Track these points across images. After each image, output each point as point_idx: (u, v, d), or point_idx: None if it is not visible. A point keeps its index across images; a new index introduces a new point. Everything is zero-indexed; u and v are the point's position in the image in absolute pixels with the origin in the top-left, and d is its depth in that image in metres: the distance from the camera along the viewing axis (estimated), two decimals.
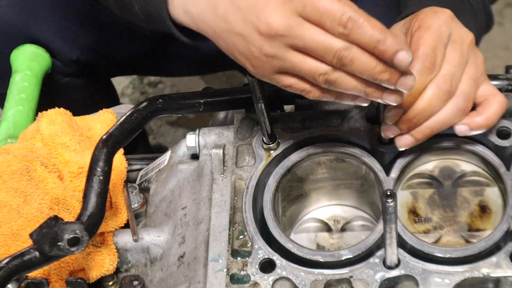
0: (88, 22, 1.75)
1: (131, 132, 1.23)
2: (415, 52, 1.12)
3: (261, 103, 1.18)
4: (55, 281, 1.24)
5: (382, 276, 1.12)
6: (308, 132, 1.28)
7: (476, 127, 1.17)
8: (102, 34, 1.78)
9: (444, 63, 1.14)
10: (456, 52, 1.15)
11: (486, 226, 1.22)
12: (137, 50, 1.87)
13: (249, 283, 1.13)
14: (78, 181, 1.33)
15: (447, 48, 1.15)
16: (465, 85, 1.15)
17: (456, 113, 1.15)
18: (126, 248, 1.32)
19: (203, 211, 1.27)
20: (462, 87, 1.14)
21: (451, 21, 1.17)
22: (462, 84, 1.15)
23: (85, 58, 1.78)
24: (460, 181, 1.26)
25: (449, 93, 1.13)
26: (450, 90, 1.13)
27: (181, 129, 2.91)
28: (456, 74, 1.14)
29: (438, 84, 1.13)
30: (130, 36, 1.79)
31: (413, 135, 1.17)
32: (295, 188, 1.33)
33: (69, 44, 1.75)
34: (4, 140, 1.46)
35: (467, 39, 1.17)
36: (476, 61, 1.17)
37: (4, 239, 1.20)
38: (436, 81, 1.13)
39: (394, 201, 1.00)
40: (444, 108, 1.14)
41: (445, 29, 1.15)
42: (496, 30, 1.42)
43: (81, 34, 1.76)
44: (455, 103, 1.14)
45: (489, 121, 1.17)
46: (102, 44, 1.79)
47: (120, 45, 1.83)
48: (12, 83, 1.61)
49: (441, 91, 1.13)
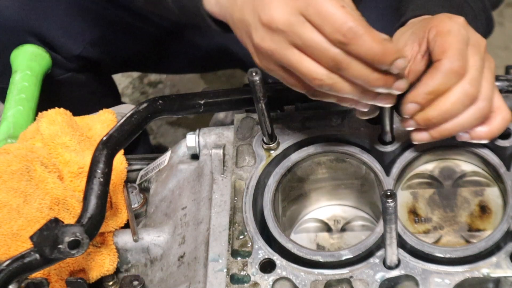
0: (91, 18, 1.77)
1: (131, 134, 1.23)
2: (442, 55, 1.12)
3: (261, 103, 1.18)
4: (55, 281, 1.25)
5: (382, 276, 1.12)
6: (308, 132, 1.28)
7: (477, 137, 1.17)
8: (105, 30, 1.79)
9: (469, 67, 1.13)
10: (477, 56, 1.14)
11: (486, 226, 1.22)
12: (139, 46, 1.88)
13: (249, 283, 1.13)
14: (78, 181, 1.33)
15: (469, 52, 1.14)
16: (486, 89, 1.14)
17: (478, 118, 1.14)
18: (126, 248, 1.32)
19: (203, 211, 1.27)
20: (483, 91, 1.14)
21: (466, 26, 1.16)
22: (483, 88, 1.14)
23: (87, 53, 1.79)
24: (460, 181, 1.26)
25: (473, 97, 1.12)
26: (475, 95, 1.12)
27: (181, 129, 2.91)
28: (479, 78, 1.13)
29: (465, 88, 1.11)
30: (133, 32, 1.79)
31: (431, 133, 1.16)
32: (295, 188, 1.33)
33: (72, 39, 1.76)
34: (4, 140, 1.46)
35: (483, 43, 1.16)
36: (491, 66, 1.17)
37: (4, 239, 1.20)
38: (463, 84, 1.12)
39: (394, 201, 1.00)
40: (467, 112, 1.13)
41: (465, 32, 1.14)
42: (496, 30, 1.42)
43: (84, 29, 1.77)
44: (478, 107, 1.13)
45: (490, 135, 1.17)
46: (105, 40, 1.80)
47: (122, 42, 1.84)
48: (12, 83, 1.61)
49: (466, 96, 1.12)
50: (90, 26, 1.77)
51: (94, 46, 1.79)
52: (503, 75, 1.32)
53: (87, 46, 1.78)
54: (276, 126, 1.29)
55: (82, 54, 1.78)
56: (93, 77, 1.91)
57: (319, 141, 1.28)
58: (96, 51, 1.81)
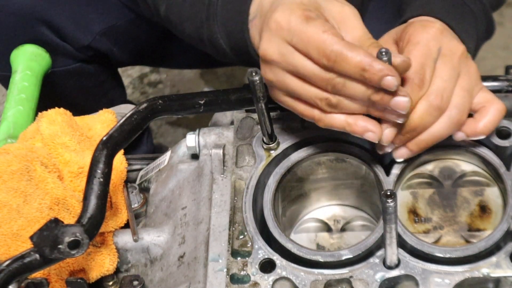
0: (102, 9, 1.78)
1: (131, 134, 1.23)
2: None
3: (261, 103, 1.18)
4: (55, 281, 1.25)
5: (382, 276, 1.12)
6: (308, 132, 1.28)
7: (473, 133, 1.17)
8: (115, 21, 1.80)
9: (435, 78, 1.14)
10: (446, 66, 1.15)
11: (486, 226, 1.22)
12: (148, 38, 1.90)
13: (249, 283, 1.13)
14: (78, 181, 1.33)
15: (438, 63, 1.15)
16: (458, 97, 1.15)
17: (450, 126, 1.15)
18: (126, 248, 1.32)
19: (203, 211, 1.27)
20: (455, 99, 1.15)
21: (440, 35, 1.17)
22: (455, 96, 1.15)
23: (97, 44, 1.81)
24: (460, 181, 1.26)
25: (440, 108, 1.14)
26: (441, 105, 1.13)
27: (181, 129, 2.91)
28: (448, 87, 1.14)
29: (429, 100, 1.13)
30: (143, 24, 1.80)
31: (408, 147, 1.18)
32: (295, 188, 1.33)
33: (82, 29, 1.77)
34: (4, 140, 1.46)
35: (458, 51, 1.17)
36: (469, 71, 1.17)
37: (4, 239, 1.20)
38: (427, 97, 1.13)
39: (394, 201, 1.00)
40: (438, 122, 1.15)
41: (434, 43, 1.16)
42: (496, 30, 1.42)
43: (95, 20, 1.79)
44: (448, 116, 1.15)
45: (486, 128, 1.17)
46: (115, 31, 1.82)
47: (132, 33, 1.86)
48: (12, 83, 1.61)
49: (431, 107, 1.13)
50: (100, 16, 1.79)
51: (104, 37, 1.81)
52: (503, 75, 1.32)
53: (97, 36, 1.80)
54: (276, 126, 1.29)
55: (92, 44, 1.80)
56: (101, 69, 1.93)
57: (319, 141, 1.28)
58: (105, 42, 1.82)
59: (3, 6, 1.68)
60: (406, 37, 1.17)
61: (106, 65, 1.95)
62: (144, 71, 3.13)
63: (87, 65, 1.87)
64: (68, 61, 1.81)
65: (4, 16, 1.68)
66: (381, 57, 1.06)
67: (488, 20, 1.36)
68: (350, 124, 1.12)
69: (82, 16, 1.77)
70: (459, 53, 1.17)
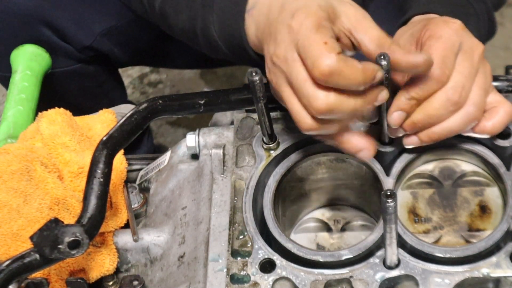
0: (103, 10, 1.79)
1: (131, 134, 1.23)
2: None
3: (261, 103, 1.18)
4: (55, 281, 1.25)
5: (382, 276, 1.12)
6: None
7: (481, 131, 1.17)
8: (117, 22, 1.81)
9: (455, 73, 1.14)
10: (466, 62, 1.14)
11: (486, 226, 1.22)
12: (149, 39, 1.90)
13: (249, 283, 1.13)
14: (78, 181, 1.33)
15: (458, 58, 1.15)
16: (476, 96, 1.14)
17: (465, 122, 1.15)
18: (126, 248, 1.32)
19: (203, 211, 1.27)
20: (473, 97, 1.14)
21: (462, 31, 1.17)
22: (473, 94, 1.14)
23: (98, 45, 1.82)
24: (460, 181, 1.26)
25: (457, 103, 1.13)
26: (458, 101, 1.13)
27: (181, 129, 2.91)
28: (467, 84, 1.14)
29: (447, 94, 1.13)
30: (142, 26, 1.81)
31: (419, 136, 1.18)
32: (295, 188, 1.33)
33: (83, 30, 1.78)
34: (4, 140, 1.46)
35: (477, 49, 1.17)
36: (485, 71, 1.17)
37: (4, 239, 1.20)
38: (445, 91, 1.13)
39: (394, 201, 1.00)
40: (454, 117, 1.14)
41: (456, 39, 1.15)
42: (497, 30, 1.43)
43: (96, 20, 1.79)
44: (465, 112, 1.14)
45: (494, 128, 1.17)
46: (116, 32, 1.82)
47: (133, 33, 1.86)
48: (12, 83, 1.61)
49: (449, 101, 1.13)
50: (101, 17, 1.79)
51: (105, 37, 1.81)
52: (503, 75, 1.31)
53: (98, 37, 1.80)
54: (276, 126, 1.29)
55: (93, 45, 1.81)
56: (102, 69, 1.94)
57: (319, 141, 1.28)
58: (106, 42, 1.83)
59: (5, 7, 1.68)
60: (427, 33, 1.17)
61: (106, 66, 1.95)
62: (144, 71, 3.13)
63: (87, 65, 1.87)
64: (69, 62, 1.82)
65: (6, 17, 1.69)
66: (380, 61, 1.06)
67: (490, 21, 1.36)
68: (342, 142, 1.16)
69: (83, 17, 1.77)
70: (478, 51, 1.17)
